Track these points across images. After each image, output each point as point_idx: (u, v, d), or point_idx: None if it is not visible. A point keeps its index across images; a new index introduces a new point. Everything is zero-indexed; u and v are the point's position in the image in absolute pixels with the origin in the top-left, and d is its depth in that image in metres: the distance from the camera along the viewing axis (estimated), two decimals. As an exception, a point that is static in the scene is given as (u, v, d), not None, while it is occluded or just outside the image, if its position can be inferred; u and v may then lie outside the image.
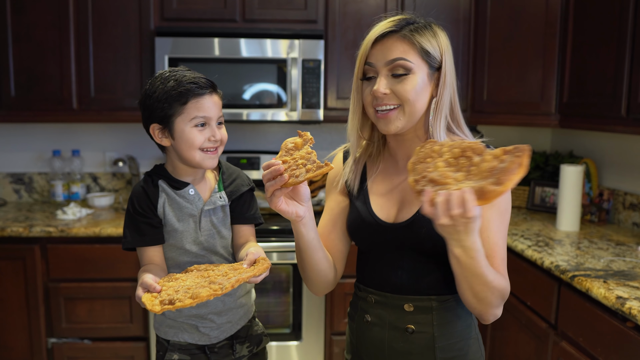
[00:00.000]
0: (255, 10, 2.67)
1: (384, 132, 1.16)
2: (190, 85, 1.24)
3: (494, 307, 1.08)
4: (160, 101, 1.26)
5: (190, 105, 1.25)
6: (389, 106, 1.12)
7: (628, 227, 2.47)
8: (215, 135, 1.27)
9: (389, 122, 1.13)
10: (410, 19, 1.16)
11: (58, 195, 2.95)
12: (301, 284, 2.48)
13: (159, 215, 1.30)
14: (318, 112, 2.66)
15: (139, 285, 1.12)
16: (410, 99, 1.11)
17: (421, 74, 1.12)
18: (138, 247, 1.32)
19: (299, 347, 2.53)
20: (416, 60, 1.11)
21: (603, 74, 2.17)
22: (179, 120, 1.25)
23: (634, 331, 1.52)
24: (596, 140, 2.72)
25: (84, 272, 2.42)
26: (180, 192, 1.31)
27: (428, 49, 1.12)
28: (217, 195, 1.34)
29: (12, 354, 2.46)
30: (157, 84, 1.28)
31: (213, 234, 1.33)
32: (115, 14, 2.61)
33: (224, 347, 1.39)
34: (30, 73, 2.61)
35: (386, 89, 1.12)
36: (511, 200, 1.15)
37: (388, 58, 1.12)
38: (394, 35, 1.13)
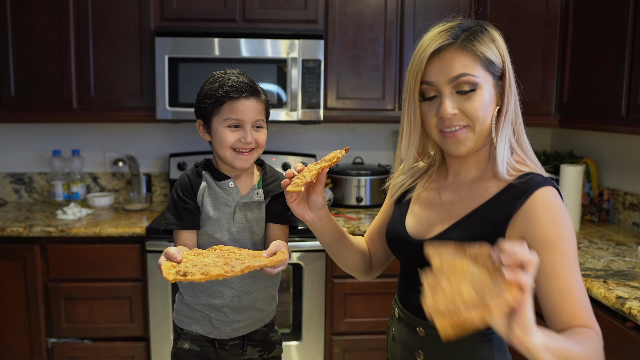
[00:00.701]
0: (255, 10, 2.67)
1: (454, 154, 1.04)
2: (229, 88, 1.32)
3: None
4: (204, 100, 1.36)
5: (225, 107, 1.33)
6: (457, 127, 1.01)
7: (628, 227, 2.47)
8: (246, 138, 1.33)
9: (459, 142, 1.02)
10: (463, 24, 1.03)
11: (58, 195, 2.95)
12: (301, 284, 2.48)
13: (197, 203, 1.38)
14: (318, 112, 2.66)
15: (162, 254, 1.19)
16: (480, 117, 1.00)
17: (487, 87, 1.01)
18: (174, 230, 1.38)
19: (299, 347, 2.53)
20: (481, 72, 1.00)
21: (603, 74, 2.17)
22: (215, 119, 1.35)
23: (634, 331, 1.52)
24: (596, 140, 2.72)
25: (84, 272, 2.42)
26: (220, 183, 1.39)
27: (491, 57, 1.01)
28: (254, 192, 1.40)
29: (12, 354, 2.46)
30: (208, 83, 1.37)
31: (245, 227, 1.39)
32: (115, 13, 2.61)
33: (235, 346, 1.41)
34: (30, 73, 2.61)
35: (454, 109, 1.00)
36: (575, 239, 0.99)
37: (451, 75, 0.99)
38: (452, 47, 1.00)
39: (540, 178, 1.01)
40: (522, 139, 1.07)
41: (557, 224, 0.96)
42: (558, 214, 0.97)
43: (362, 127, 3.15)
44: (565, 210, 0.99)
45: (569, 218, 0.99)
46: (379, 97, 2.77)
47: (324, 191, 1.17)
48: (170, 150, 3.07)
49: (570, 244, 0.97)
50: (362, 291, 2.53)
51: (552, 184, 1.01)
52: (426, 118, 1.05)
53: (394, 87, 2.77)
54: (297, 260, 2.46)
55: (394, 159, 3.19)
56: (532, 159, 1.06)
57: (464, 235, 1.02)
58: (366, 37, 2.73)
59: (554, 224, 0.96)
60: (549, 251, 0.96)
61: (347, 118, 2.79)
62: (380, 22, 2.72)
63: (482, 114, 1.01)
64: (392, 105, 2.78)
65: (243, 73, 1.39)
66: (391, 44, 2.74)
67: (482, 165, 1.09)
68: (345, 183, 2.86)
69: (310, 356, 2.54)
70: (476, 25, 1.04)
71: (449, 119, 1.01)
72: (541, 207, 0.97)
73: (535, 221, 0.97)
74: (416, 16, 2.71)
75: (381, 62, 2.75)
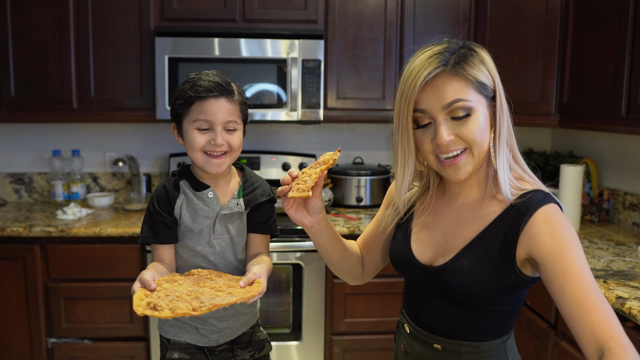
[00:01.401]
0: (255, 10, 2.67)
1: (453, 179, 1.04)
2: (198, 87, 1.26)
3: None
4: (175, 101, 1.31)
5: (194, 108, 1.27)
6: (455, 152, 1.01)
7: (628, 227, 2.47)
8: (216, 140, 1.26)
9: (459, 168, 1.02)
10: (450, 47, 1.02)
11: (58, 195, 2.95)
12: (301, 284, 2.48)
13: (175, 216, 1.33)
14: (318, 112, 2.66)
15: (137, 279, 1.15)
16: (477, 140, 1.00)
17: (482, 110, 1.01)
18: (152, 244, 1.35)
19: (299, 347, 2.53)
20: (474, 96, 1.00)
21: (603, 74, 2.17)
22: (185, 121, 1.29)
23: (634, 331, 1.52)
24: (596, 140, 2.72)
25: (84, 272, 2.42)
26: (199, 194, 1.33)
27: (482, 80, 1.00)
28: (234, 202, 1.34)
29: (12, 354, 2.46)
30: (181, 85, 1.32)
31: (226, 239, 1.35)
32: (115, 14, 2.61)
33: (225, 350, 1.39)
34: (30, 73, 2.61)
35: (450, 135, 1.00)
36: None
37: (444, 102, 0.99)
38: (443, 74, 0.99)
39: (541, 195, 1.02)
40: (517, 155, 1.07)
41: (559, 234, 0.97)
42: (559, 225, 0.98)
43: (362, 127, 3.15)
44: (566, 222, 0.99)
45: (571, 229, 0.99)
46: (379, 97, 2.77)
47: (321, 195, 1.16)
48: (170, 150, 3.07)
49: (576, 250, 0.96)
50: (362, 291, 2.53)
51: (553, 201, 1.02)
52: (421, 145, 1.04)
53: (394, 87, 2.77)
54: (297, 260, 2.46)
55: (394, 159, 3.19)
56: (529, 174, 1.07)
57: (475, 262, 1.03)
58: (366, 37, 2.73)
59: (556, 235, 0.97)
60: (557, 260, 0.95)
61: (347, 118, 2.79)
62: (380, 22, 2.72)
63: (480, 137, 1.01)
64: (392, 105, 2.78)
65: (219, 73, 1.32)
66: (391, 44, 2.74)
67: (482, 186, 1.09)
68: (345, 183, 2.86)
69: (310, 356, 2.54)
70: (463, 48, 1.02)
71: (446, 146, 1.00)
72: (542, 222, 0.98)
73: (537, 235, 0.98)
74: (416, 16, 2.71)
75: (381, 62, 2.75)
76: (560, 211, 1.01)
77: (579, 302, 0.92)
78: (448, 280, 1.05)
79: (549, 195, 1.03)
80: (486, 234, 1.04)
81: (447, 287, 1.06)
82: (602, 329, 0.90)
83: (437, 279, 1.07)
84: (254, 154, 2.98)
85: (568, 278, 0.94)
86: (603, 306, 0.92)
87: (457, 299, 1.06)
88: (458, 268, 1.04)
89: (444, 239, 1.10)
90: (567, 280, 0.94)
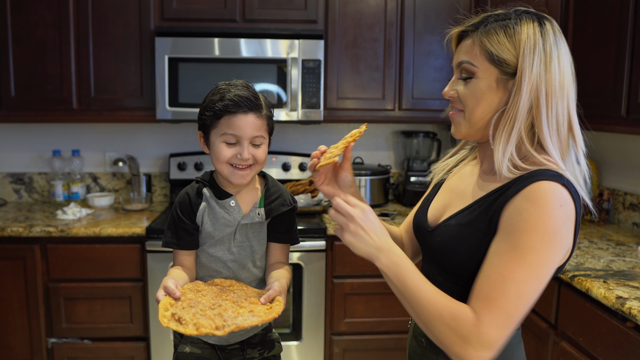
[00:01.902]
0: (255, 10, 2.67)
1: (452, 134, 1.10)
2: (228, 102, 1.27)
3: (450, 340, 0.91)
4: (204, 111, 1.31)
5: (223, 122, 1.28)
6: (455, 109, 1.07)
7: (628, 227, 2.47)
8: (243, 154, 1.28)
9: (454, 125, 1.08)
10: (494, 16, 1.04)
11: (58, 195, 2.95)
12: (301, 284, 2.48)
13: (197, 222, 1.35)
14: (318, 112, 2.66)
15: (161, 286, 1.18)
16: (469, 104, 1.03)
17: (486, 79, 1.01)
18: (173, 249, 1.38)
19: (299, 347, 2.53)
20: (482, 64, 1.01)
21: (603, 73, 2.17)
22: (213, 132, 1.30)
23: (634, 331, 1.52)
24: (596, 140, 2.71)
25: (84, 272, 2.42)
26: (221, 202, 1.35)
27: (493, 51, 0.99)
28: (256, 211, 1.37)
29: (12, 354, 2.46)
30: (211, 94, 1.33)
31: (246, 247, 1.37)
32: (115, 13, 2.61)
33: (235, 349, 1.41)
34: (30, 73, 2.61)
35: (450, 90, 1.06)
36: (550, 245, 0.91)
37: (457, 60, 1.06)
38: (469, 36, 1.05)
39: (552, 173, 0.95)
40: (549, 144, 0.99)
41: (529, 215, 0.91)
42: (539, 208, 0.91)
43: (362, 127, 3.14)
44: (554, 211, 0.91)
45: (554, 221, 0.91)
46: (379, 97, 2.77)
47: (351, 168, 1.18)
48: (170, 150, 3.07)
49: (530, 241, 0.90)
50: (362, 291, 2.53)
51: (562, 182, 0.93)
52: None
53: (394, 87, 2.77)
54: (297, 260, 2.46)
55: (394, 159, 3.20)
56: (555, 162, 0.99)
57: (462, 223, 1.03)
58: (366, 37, 2.73)
59: (526, 214, 0.91)
60: (503, 237, 0.93)
61: (347, 118, 2.79)
62: (380, 22, 2.72)
63: (472, 102, 1.02)
64: (392, 105, 2.78)
65: (248, 86, 1.33)
66: (391, 44, 2.74)
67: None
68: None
69: (310, 356, 2.54)
70: (506, 18, 1.02)
71: (448, 97, 1.07)
72: (527, 196, 0.92)
73: (512, 207, 0.94)
74: (416, 16, 2.71)
75: (381, 62, 2.75)
76: (559, 194, 0.92)
77: (483, 279, 0.93)
78: (435, 240, 1.08)
79: (561, 176, 0.94)
80: (483, 200, 1.02)
81: (433, 247, 1.08)
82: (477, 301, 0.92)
83: (429, 239, 1.10)
84: (254, 154, 2.98)
85: (495, 259, 0.93)
86: (498, 293, 0.90)
87: (441, 262, 1.06)
88: (446, 227, 1.06)
89: (452, 201, 1.12)
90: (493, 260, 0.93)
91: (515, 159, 0.98)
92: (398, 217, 2.70)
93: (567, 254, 0.98)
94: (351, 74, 2.75)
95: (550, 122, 0.98)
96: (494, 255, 0.93)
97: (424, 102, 2.78)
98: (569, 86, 1.00)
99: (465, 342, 0.90)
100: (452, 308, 0.93)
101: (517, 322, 0.91)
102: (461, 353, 0.90)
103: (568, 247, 0.95)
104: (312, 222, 2.58)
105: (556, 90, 0.98)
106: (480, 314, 0.90)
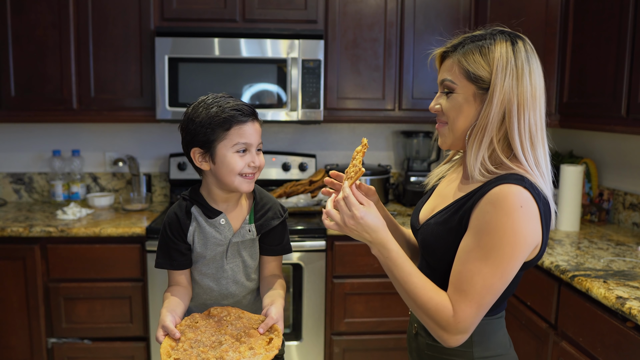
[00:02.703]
0: (255, 10, 2.67)
1: (439, 145, 1.21)
2: (233, 112, 1.28)
3: (429, 326, 1.08)
4: (203, 126, 1.28)
5: (233, 132, 1.28)
6: (440, 122, 1.18)
7: (628, 227, 2.47)
8: (255, 162, 1.31)
9: (440, 136, 1.19)
10: (471, 37, 1.14)
11: (58, 195, 2.95)
12: (301, 284, 2.48)
13: (188, 242, 1.36)
14: (318, 112, 2.66)
15: (159, 326, 1.20)
16: (450, 116, 1.14)
17: (464, 94, 1.11)
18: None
19: (299, 347, 2.53)
20: (461, 81, 1.11)
21: (603, 74, 2.17)
22: (221, 145, 1.29)
23: (634, 331, 1.52)
24: (596, 140, 2.72)
25: (84, 272, 2.42)
26: (211, 221, 1.35)
27: (470, 69, 1.09)
28: (246, 228, 1.37)
29: (12, 354, 2.46)
30: (200, 109, 1.30)
31: (238, 263, 1.38)
32: (115, 14, 2.61)
33: None
34: (30, 73, 2.61)
35: (435, 104, 1.17)
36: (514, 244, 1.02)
37: (440, 78, 1.17)
38: (451, 55, 1.15)
39: (515, 177, 1.04)
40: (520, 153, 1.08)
41: (491, 218, 1.02)
42: (500, 211, 1.01)
43: (362, 127, 3.15)
44: (515, 213, 1.00)
45: (515, 223, 1.00)
46: (379, 97, 2.77)
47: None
48: (170, 150, 3.07)
49: (492, 241, 1.01)
50: (362, 291, 2.53)
51: (524, 185, 1.02)
52: None
53: (394, 87, 2.77)
54: (297, 260, 2.46)
55: (394, 159, 3.20)
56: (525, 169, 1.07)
57: (439, 222, 1.15)
58: (366, 37, 2.73)
59: (488, 216, 1.02)
60: (471, 236, 1.05)
61: (347, 118, 2.79)
62: (380, 22, 2.72)
63: (454, 115, 1.13)
64: (392, 105, 2.78)
65: (233, 96, 1.35)
66: (391, 44, 2.74)
67: None
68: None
69: (310, 356, 2.54)
70: (482, 38, 1.11)
71: (434, 112, 1.17)
72: (490, 199, 1.03)
73: (478, 210, 1.05)
74: (416, 16, 2.71)
75: (381, 62, 2.75)
76: (520, 197, 1.01)
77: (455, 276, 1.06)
78: (420, 237, 1.21)
79: (524, 179, 1.04)
80: (457, 202, 1.13)
81: (420, 244, 1.21)
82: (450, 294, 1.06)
83: (417, 237, 1.23)
84: (254, 154, 2.98)
85: (461, 256, 1.06)
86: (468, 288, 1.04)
87: (426, 257, 1.19)
88: (427, 226, 1.18)
89: (437, 203, 1.23)
90: (460, 256, 1.06)
91: (487, 164, 1.08)
92: (398, 217, 2.70)
93: (536, 249, 1.07)
94: (351, 74, 2.75)
95: (522, 130, 1.07)
96: (462, 253, 1.06)
97: (424, 102, 2.78)
98: (541, 97, 1.10)
99: (444, 330, 1.06)
100: (433, 301, 1.06)
101: (487, 309, 1.06)
102: (443, 337, 1.07)
103: (536, 242, 1.05)
104: (312, 222, 2.58)
105: (528, 100, 1.07)
106: (455, 306, 1.05)
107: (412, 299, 1.08)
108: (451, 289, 1.06)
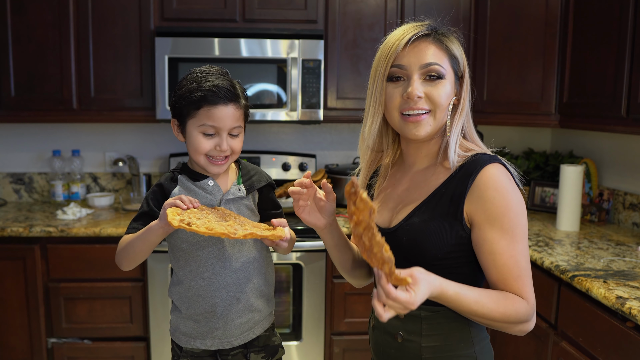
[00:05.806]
0: (255, 10, 2.67)
1: (411, 137, 1.12)
2: (206, 92, 1.24)
3: (510, 329, 1.07)
4: (180, 99, 1.28)
5: (202, 112, 1.25)
6: (421, 111, 1.10)
7: (628, 227, 2.47)
8: (222, 146, 1.26)
9: (420, 126, 1.10)
10: (434, 25, 1.16)
11: (58, 195, 2.95)
12: (301, 284, 2.48)
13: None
14: (318, 112, 2.66)
15: (166, 203, 1.19)
16: (442, 104, 1.10)
17: (450, 80, 1.12)
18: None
19: (299, 347, 2.53)
20: (447, 66, 1.12)
21: (603, 74, 2.17)
22: (190, 122, 1.27)
23: (634, 331, 1.52)
24: (596, 140, 2.72)
25: (84, 272, 2.42)
26: (199, 184, 1.33)
27: (457, 55, 1.14)
28: (236, 187, 1.35)
29: (12, 354, 2.46)
30: (185, 81, 1.29)
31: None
32: (115, 13, 2.61)
33: (238, 354, 1.38)
34: (30, 73, 2.61)
35: (421, 92, 1.09)
36: (523, 213, 1.08)
37: (423, 62, 1.10)
38: (427, 38, 1.12)
39: (487, 156, 1.09)
40: (473, 134, 1.18)
41: (499, 201, 1.05)
42: (502, 191, 1.05)
43: (362, 127, 3.14)
44: (511, 187, 1.07)
45: (516, 195, 1.07)
46: (379, 97, 2.77)
47: (333, 199, 1.17)
48: (170, 150, 3.07)
49: (510, 220, 1.05)
50: (362, 291, 2.53)
51: (498, 161, 1.09)
52: (390, 99, 1.12)
53: (394, 87, 2.77)
54: (297, 260, 2.46)
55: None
56: (481, 147, 1.15)
57: (425, 219, 1.11)
58: (366, 37, 2.73)
59: (496, 201, 1.05)
60: (490, 228, 1.05)
61: (347, 118, 2.79)
62: (380, 22, 2.72)
63: (444, 102, 1.10)
64: (392, 105, 2.78)
65: (224, 74, 1.30)
66: (391, 44, 2.73)
67: (432, 157, 1.18)
68: (345, 183, 2.86)
69: (310, 356, 2.54)
70: (445, 28, 1.16)
71: (414, 101, 1.09)
72: (487, 185, 1.05)
73: (481, 200, 1.06)
74: (416, 16, 2.71)
75: (381, 62, 2.74)
76: (506, 174, 1.08)
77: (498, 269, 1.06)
78: (401, 239, 1.13)
79: (495, 156, 1.10)
80: (435, 194, 1.12)
81: (401, 246, 1.13)
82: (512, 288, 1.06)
83: (392, 240, 1.11)
84: (254, 154, 2.98)
85: (494, 247, 1.05)
86: (519, 273, 1.05)
87: (412, 258, 1.10)
88: (409, 225, 1.12)
89: (398, 203, 1.19)
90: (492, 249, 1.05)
91: (459, 150, 1.13)
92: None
93: None
94: (351, 74, 2.75)
95: (469, 112, 1.17)
96: (494, 246, 1.06)
97: (424, 102, 2.78)
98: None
99: (527, 321, 1.06)
100: (509, 307, 1.04)
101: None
102: (524, 328, 1.07)
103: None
104: (312, 222, 2.58)
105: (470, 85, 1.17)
106: (523, 294, 1.05)
107: (490, 320, 1.04)
108: (509, 282, 1.05)
